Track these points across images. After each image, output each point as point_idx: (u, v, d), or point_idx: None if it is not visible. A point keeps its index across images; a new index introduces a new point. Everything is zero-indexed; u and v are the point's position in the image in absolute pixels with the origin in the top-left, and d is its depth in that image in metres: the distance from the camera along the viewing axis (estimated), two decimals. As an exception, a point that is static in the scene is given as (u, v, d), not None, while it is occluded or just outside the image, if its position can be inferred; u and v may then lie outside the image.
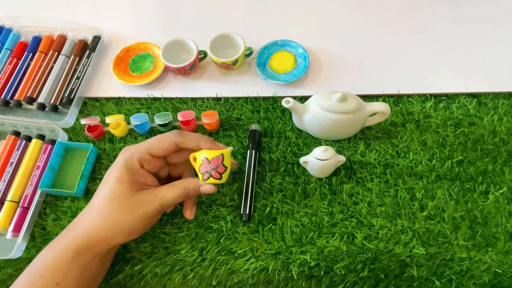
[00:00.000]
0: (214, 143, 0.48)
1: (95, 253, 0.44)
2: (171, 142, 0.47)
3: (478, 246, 0.51)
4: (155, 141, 0.47)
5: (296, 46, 0.65)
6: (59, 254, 0.43)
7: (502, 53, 0.65)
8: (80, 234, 0.44)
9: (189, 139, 0.47)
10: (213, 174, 0.46)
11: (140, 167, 0.46)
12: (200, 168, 0.47)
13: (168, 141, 0.47)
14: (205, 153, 0.46)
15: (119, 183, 0.44)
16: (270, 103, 0.62)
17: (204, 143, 0.47)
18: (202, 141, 0.47)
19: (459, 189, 0.54)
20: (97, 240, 0.44)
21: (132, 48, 0.67)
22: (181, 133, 0.47)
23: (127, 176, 0.45)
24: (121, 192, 0.44)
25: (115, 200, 0.44)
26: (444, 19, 0.69)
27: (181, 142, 0.47)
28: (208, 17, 0.71)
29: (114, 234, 0.44)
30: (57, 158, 0.57)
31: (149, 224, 0.47)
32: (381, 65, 0.65)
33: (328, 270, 0.50)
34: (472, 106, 0.60)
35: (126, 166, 0.45)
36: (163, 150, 0.47)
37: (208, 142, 0.47)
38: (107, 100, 0.64)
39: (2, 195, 0.55)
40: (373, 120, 0.56)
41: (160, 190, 0.46)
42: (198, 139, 0.47)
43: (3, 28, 0.68)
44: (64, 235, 0.45)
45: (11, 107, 0.63)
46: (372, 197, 0.54)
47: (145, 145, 0.46)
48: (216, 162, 0.46)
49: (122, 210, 0.44)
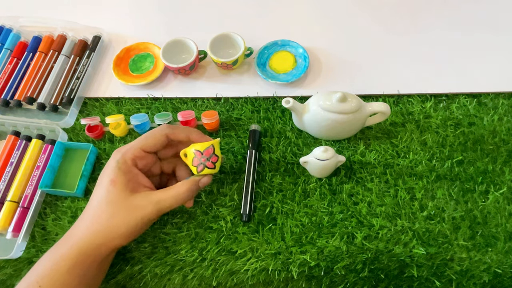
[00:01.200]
0: (203, 135, 0.48)
1: (94, 259, 0.44)
2: (162, 134, 0.47)
3: (478, 246, 0.51)
4: (147, 136, 0.47)
5: (296, 46, 0.65)
6: (57, 263, 0.43)
7: (502, 53, 0.65)
8: (77, 242, 0.43)
9: (179, 130, 0.48)
10: (207, 164, 0.47)
11: (133, 165, 0.46)
12: (193, 162, 0.47)
13: (159, 134, 0.47)
14: (196, 146, 0.47)
15: (113, 186, 0.44)
16: (270, 103, 0.62)
17: (194, 135, 0.48)
18: (192, 133, 0.48)
19: (459, 189, 0.54)
20: (95, 246, 0.44)
21: (132, 48, 0.67)
22: (170, 126, 0.48)
23: (120, 177, 0.44)
24: (115, 195, 0.44)
25: (110, 204, 0.44)
26: (444, 19, 0.69)
27: (171, 133, 0.47)
28: (208, 17, 0.71)
29: (112, 238, 0.44)
30: (57, 158, 0.57)
31: (146, 226, 0.47)
32: (381, 65, 0.65)
33: (328, 270, 0.50)
34: (472, 106, 0.60)
35: (118, 167, 0.45)
36: (155, 143, 0.47)
37: (198, 133, 0.48)
38: (107, 100, 0.64)
39: (2, 195, 0.55)
40: (373, 120, 0.56)
41: (156, 194, 0.46)
42: (188, 130, 0.48)
43: (3, 28, 0.69)
44: (62, 243, 0.45)
45: (11, 107, 0.63)
46: (372, 197, 0.54)
47: (138, 142, 0.47)
48: (208, 152, 0.47)
49: (118, 213, 0.44)
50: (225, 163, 0.57)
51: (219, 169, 0.49)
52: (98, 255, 0.44)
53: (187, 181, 0.47)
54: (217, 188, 0.55)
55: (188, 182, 0.47)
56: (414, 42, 0.66)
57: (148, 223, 0.46)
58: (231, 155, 0.57)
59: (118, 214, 0.44)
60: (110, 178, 0.44)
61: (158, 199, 0.45)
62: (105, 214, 0.44)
